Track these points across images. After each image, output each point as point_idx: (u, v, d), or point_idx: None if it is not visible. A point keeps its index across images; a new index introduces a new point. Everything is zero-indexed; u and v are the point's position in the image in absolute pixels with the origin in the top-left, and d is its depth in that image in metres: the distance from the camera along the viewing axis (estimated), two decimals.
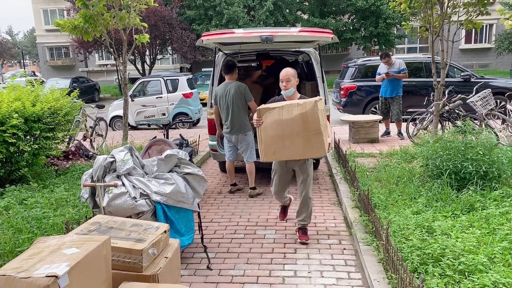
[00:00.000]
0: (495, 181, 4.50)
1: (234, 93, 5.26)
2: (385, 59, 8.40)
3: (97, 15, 6.90)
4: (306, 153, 3.66)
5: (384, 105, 8.62)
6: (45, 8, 32.59)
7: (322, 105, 3.66)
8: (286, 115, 3.56)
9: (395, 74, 8.31)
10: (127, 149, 3.52)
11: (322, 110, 3.61)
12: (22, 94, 5.71)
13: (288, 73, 3.86)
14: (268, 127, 3.63)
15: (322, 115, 3.58)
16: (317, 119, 3.50)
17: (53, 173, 6.09)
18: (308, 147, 3.58)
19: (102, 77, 32.56)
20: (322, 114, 3.57)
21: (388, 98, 8.49)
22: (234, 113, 5.30)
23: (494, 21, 27.96)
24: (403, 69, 8.36)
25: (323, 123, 3.58)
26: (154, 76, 12.96)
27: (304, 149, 3.59)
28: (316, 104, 3.52)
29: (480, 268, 2.95)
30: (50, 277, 1.85)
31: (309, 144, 3.56)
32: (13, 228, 4.00)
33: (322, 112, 3.58)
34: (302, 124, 3.53)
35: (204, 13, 25.64)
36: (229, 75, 5.40)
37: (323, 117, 3.61)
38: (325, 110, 3.74)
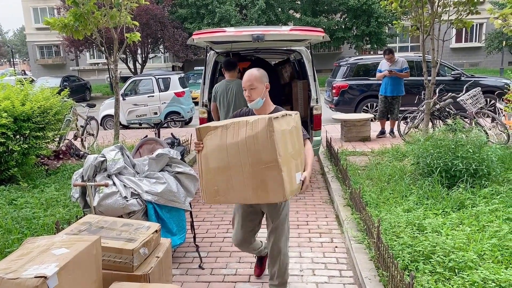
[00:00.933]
0: (484, 178, 4.54)
1: (237, 91, 5.18)
2: (388, 55, 8.20)
3: (88, 13, 6.84)
4: (257, 196, 2.44)
5: (384, 103, 8.34)
6: (35, 6, 32.27)
7: (294, 122, 2.59)
8: (231, 139, 2.44)
9: (398, 73, 8.11)
10: (118, 148, 3.49)
11: (292, 130, 2.55)
12: (11, 93, 5.64)
13: (251, 77, 2.75)
14: (210, 155, 2.49)
15: (291, 138, 2.51)
16: (271, 145, 2.33)
17: (44, 173, 6.03)
18: (260, 188, 2.40)
19: (93, 76, 32.33)
20: (288, 137, 2.48)
21: (389, 97, 8.26)
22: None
23: (484, 20, 28.24)
24: (406, 68, 8.17)
25: (290, 150, 2.47)
26: (145, 74, 12.90)
27: (253, 190, 2.42)
28: (271, 122, 2.34)
29: (470, 265, 2.98)
30: (39, 278, 1.83)
31: (262, 184, 2.39)
32: (2, 229, 3.96)
33: (291, 133, 2.52)
34: (250, 153, 2.38)
35: (196, 11, 25.57)
36: (230, 72, 5.30)
37: (295, 140, 2.57)
38: (298, 129, 2.65)
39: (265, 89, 2.79)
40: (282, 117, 2.51)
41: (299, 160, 2.61)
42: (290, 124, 2.56)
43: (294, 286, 3.26)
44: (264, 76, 2.80)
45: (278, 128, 2.40)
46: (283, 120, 2.50)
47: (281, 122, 2.47)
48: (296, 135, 2.61)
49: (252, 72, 2.79)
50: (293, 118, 2.63)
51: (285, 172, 2.38)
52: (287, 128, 2.50)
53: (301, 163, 2.65)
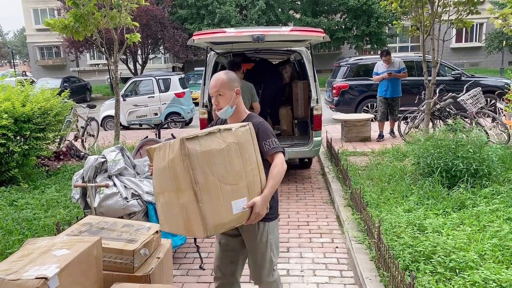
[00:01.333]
0: (485, 178, 4.54)
1: (243, 92, 5.13)
2: (386, 56, 8.13)
3: (88, 14, 6.85)
4: (186, 229, 2.10)
5: (384, 105, 8.23)
6: (35, 7, 32.28)
7: (233, 138, 2.12)
8: (162, 162, 2.15)
9: (397, 74, 8.04)
10: (118, 149, 3.50)
11: (230, 148, 2.09)
12: (11, 94, 5.65)
13: (217, 83, 2.36)
14: (155, 178, 2.22)
15: (228, 158, 2.08)
16: (185, 171, 1.99)
17: (44, 174, 6.04)
18: (187, 219, 2.07)
19: (94, 76, 32.33)
20: (219, 158, 2.05)
21: (389, 99, 8.17)
22: None
23: (484, 20, 28.22)
24: (403, 68, 8.14)
25: (221, 174, 2.05)
26: (146, 75, 12.90)
27: (183, 221, 2.10)
28: (184, 144, 1.99)
29: (470, 265, 2.98)
30: (40, 279, 1.83)
31: (186, 214, 2.07)
32: (3, 230, 3.96)
33: (228, 153, 2.08)
34: (172, 179, 2.09)
35: (196, 12, 25.56)
36: (235, 73, 5.28)
37: (235, 159, 2.10)
38: (244, 145, 2.16)
39: (235, 95, 2.38)
40: (209, 134, 2.06)
41: (243, 183, 2.11)
42: (227, 141, 2.09)
43: (295, 286, 3.27)
44: (233, 81, 2.39)
45: (197, 149, 2.00)
46: (211, 139, 2.06)
47: (206, 142, 2.04)
48: (238, 153, 2.11)
49: (220, 76, 2.38)
50: (234, 133, 2.12)
51: (205, 202, 1.99)
52: (217, 148, 2.05)
53: (252, 185, 2.15)
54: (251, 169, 2.17)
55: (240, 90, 2.46)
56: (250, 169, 2.16)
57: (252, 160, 2.19)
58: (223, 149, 2.07)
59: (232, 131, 2.14)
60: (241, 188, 2.12)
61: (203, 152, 2.02)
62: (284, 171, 2.26)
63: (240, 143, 2.14)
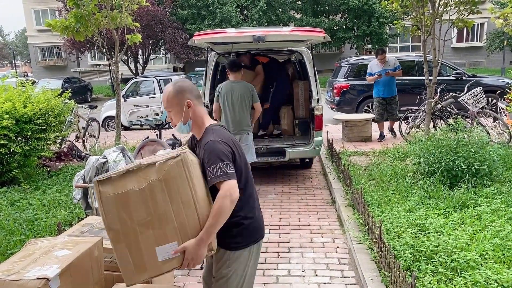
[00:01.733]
0: (486, 178, 4.53)
1: (244, 93, 5.13)
2: (382, 55, 8.04)
3: (89, 15, 6.85)
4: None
5: (381, 106, 8.16)
6: (36, 8, 32.30)
7: (157, 175, 1.85)
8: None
9: (393, 72, 7.93)
10: (119, 149, 3.50)
11: (153, 187, 1.84)
12: (13, 95, 5.66)
13: (163, 98, 2.08)
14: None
15: (151, 198, 1.84)
16: (103, 212, 1.84)
17: (45, 174, 6.05)
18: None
19: (95, 77, 32.35)
20: (140, 199, 1.83)
21: (386, 99, 8.09)
22: (240, 113, 5.18)
23: (485, 20, 28.18)
24: (398, 66, 8.05)
25: (142, 217, 1.83)
26: (147, 76, 12.91)
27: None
28: (97, 186, 1.84)
29: (472, 265, 2.97)
30: (41, 280, 1.84)
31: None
32: (4, 230, 3.97)
33: (151, 192, 1.84)
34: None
35: (197, 12, 25.57)
36: (235, 73, 5.22)
37: (160, 199, 1.85)
38: (171, 180, 1.85)
39: (186, 108, 2.03)
40: (126, 173, 1.84)
41: (171, 226, 1.84)
42: (149, 178, 1.83)
43: (296, 286, 3.26)
44: (182, 92, 2.03)
45: (110, 192, 1.81)
46: (129, 178, 1.83)
47: (121, 182, 1.83)
48: (164, 191, 1.83)
49: (166, 90, 2.07)
50: (158, 169, 1.84)
51: (121, 250, 1.82)
52: (135, 188, 1.81)
53: (184, 227, 1.86)
54: (183, 208, 1.85)
55: (241, 93, 2.33)
56: (182, 208, 1.85)
57: (185, 197, 1.86)
58: (143, 189, 1.82)
59: (156, 166, 1.85)
60: (169, 231, 1.85)
61: (117, 195, 1.81)
62: (230, 205, 1.84)
63: (166, 179, 1.84)
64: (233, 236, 2.01)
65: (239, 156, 2.01)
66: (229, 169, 1.89)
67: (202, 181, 1.92)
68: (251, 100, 5.24)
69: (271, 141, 6.32)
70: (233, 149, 1.98)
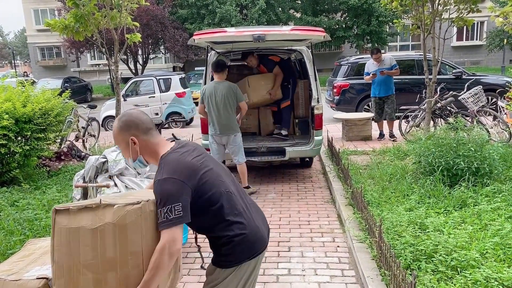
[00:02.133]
0: (486, 177, 4.53)
1: (227, 93, 5.13)
2: (377, 54, 7.97)
3: (88, 15, 6.84)
4: None
5: (378, 105, 8.15)
6: (36, 8, 32.29)
7: (112, 217, 1.74)
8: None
9: (389, 71, 7.87)
10: (119, 149, 3.50)
11: (104, 229, 1.73)
12: (12, 95, 5.66)
13: (112, 134, 2.01)
14: None
15: (100, 240, 1.73)
16: (53, 242, 1.78)
17: (45, 174, 6.04)
18: None
19: (95, 77, 32.35)
20: (89, 238, 1.73)
21: (383, 98, 8.06)
22: (225, 114, 5.18)
23: (485, 19, 28.17)
24: (395, 65, 7.96)
25: (87, 259, 1.72)
26: (146, 75, 12.90)
27: None
28: (53, 214, 1.79)
29: (472, 264, 2.97)
30: (41, 279, 1.84)
31: None
32: (4, 231, 3.97)
33: (102, 233, 1.73)
34: None
35: (197, 12, 25.57)
36: (219, 74, 5.23)
37: (110, 243, 1.73)
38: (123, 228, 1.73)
39: (132, 144, 1.91)
40: (84, 208, 1.75)
41: (113, 275, 1.71)
42: (104, 219, 1.72)
43: (296, 286, 3.26)
44: (126, 129, 1.92)
45: (64, 224, 1.73)
46: (86, 214, 1.74)
47: (78, 217, 1.74)
48: (115, 237, 1.71)
49: (113, 127, 1.97)
50: (115, 212, 1.73)
51: (59, 286, 1.73)
52: (88, 226, 1.72)
53: (126, 279, 1.73)
54: (131, 259, 1.72)
55: (224, 93, 2.15)
56: (129, 258, 1.72)
57: (135, 248, 1.72)
58: (96, 229, 1.71)
59: (114, 209, 1.73)
60: (110, 279, 1.71)
61: (70, 229, 1.72)
62: (168, 259, 1.70)
63: (120, 225, 1.72)
64: (223, 255, 1.92)
65: (205, 181, 1.82)
66: (173, 213, 1.70)
67: (158, 235, 1.76)
68: (235, 100, 5.20)
69: (271, 140, 6.32)
70: (190, 179, 1.78)
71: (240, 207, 1.91)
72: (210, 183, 1.83)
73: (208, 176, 1.83)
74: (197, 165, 1.83)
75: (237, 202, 1.92)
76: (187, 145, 1.94)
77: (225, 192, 1.88)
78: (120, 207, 1.72)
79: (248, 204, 2.00)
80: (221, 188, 1.87)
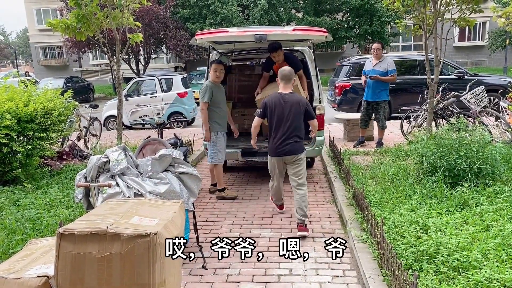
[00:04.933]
0: (488, 177, 4.52)
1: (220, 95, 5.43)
2: (377, 45, 7.27)
3: (90, 15, 6.86)
4: None
5: (365, 110, 7.40)
6: (38, 8, 32.36)
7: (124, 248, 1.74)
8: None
9: (380, 77, 7.05)
10: (121, 149, 3.50)
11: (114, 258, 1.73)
12: (14, 95, 5.67)
13: None
14: None
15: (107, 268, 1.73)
16: (57, 266, 1.80)
17: (47, 174, 6.05)
18: None
19: (96, 76, 32.41)
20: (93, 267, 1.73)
21: (371, 103, 7.29)
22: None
23: (487, 19, 28.13)
24: (392, 70, 7.08)
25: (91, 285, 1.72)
26: (148, 75, 12.92)
27: None
28: (58, 238, 1.76)
29: (474, 264, 2.97)
30: (42, 277, 1.84)
31: None
32: (6, 230, 3.97)
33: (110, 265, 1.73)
34: None
35: (198, 12, 25.58)
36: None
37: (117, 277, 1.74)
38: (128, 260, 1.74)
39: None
40: (91, 235, 1.71)
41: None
42: (111, 249, 1.70)
43: (297, 286, 3.26)
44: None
45: (69, 249, 1.71)
46: (91, 241, 1.71)
47: (83, 243, 1.71)
48: (122, 267, 1.71)
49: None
50: (123, 243, 1.68)
51: None
52: (94, 255, 1.70)
53: None
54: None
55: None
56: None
57: (142, 280, 1.71)
58: (102, 258, 1.70)
59: (122, 239, 1.70)
60: None
61: (75, 255, 1.70)
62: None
63: (128, 256, 1.70)
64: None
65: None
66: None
67: (166, 265, 1.78)
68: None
69: None
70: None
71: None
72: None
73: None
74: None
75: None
76: None
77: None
78: (128, 238, 1.69)
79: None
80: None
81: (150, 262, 1.72)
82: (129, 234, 1.70)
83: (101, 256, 1.70)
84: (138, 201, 2.12)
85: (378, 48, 7.27)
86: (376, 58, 7.30)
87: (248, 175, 6.47)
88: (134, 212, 1.90)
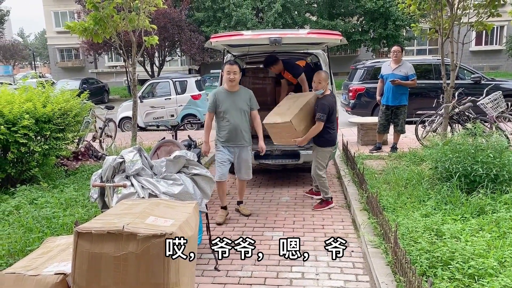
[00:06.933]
0: (505, 184, 4.44)
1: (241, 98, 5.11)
2: (395, 48, 7.16)
3: (107, 17, 6.96)
4: None
5: (384, 115, 7.28)
6: (56, 10, 32.97)
7: (141, 248, 1.79)
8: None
9: (402, 82, 6.98)
10: (136, 150, 3.54)
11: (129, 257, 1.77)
12: (33, 95, 5.78)
13: None
14: None
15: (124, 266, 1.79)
16: (75, 264, 1.87)
17: (63, 174, 6.15)
18: None
19: (112, 78, 32.81)
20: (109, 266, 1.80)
21: (391, 107, 7.20)
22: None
23: (505, 23, 27.69)
24: (412, 75, 7.01)
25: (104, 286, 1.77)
26: (163, 77, 13.04)
27: None
28: (76, 236, 1.81)
29: (490, 272, 2.92)
30: (59, 275, 1.87)
31: None
32: (23, 228, 4.04)
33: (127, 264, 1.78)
34: None
35: (213, 15, 25.74)
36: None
37: (133, 275, 1.80)
38: (144, 260, 1.78)
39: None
40: (107, 234, 1.73)
41: None
42: (127, 248, 1.72)
43: None
44: None
45: (86, 248, 1.74)
46: (108, 240, 1.74)
47: (100, 242, 1.74)
48: (137, 266, 1.73)
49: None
50: (139, 242, 1.71)
51: None
52: (110, 253, 1.72)
53: None
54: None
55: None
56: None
57: (157, 279, 1.71)
58: (118, 257, 1.72)
59: (137, 239, 1.72)
60: None
61: (92, 253, 1.73)
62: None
63: (143, 256, 1.72)
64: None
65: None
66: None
67: (180, 266, 1.77)
68: (250, 106, 4.93)
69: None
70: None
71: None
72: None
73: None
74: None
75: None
76: None
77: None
78: (144, 238, 1.72)
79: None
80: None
81: (165, 262, 1.74)
82: (144, 234, 1.74)
83: (117, 255, 1.72)
84: (153, 202, 2.15)
85: (398, 51, 7.12)
86: (396, 62, 7.15)
87: (261, 177, 6.48)
88: (149, 212, 1.93)
